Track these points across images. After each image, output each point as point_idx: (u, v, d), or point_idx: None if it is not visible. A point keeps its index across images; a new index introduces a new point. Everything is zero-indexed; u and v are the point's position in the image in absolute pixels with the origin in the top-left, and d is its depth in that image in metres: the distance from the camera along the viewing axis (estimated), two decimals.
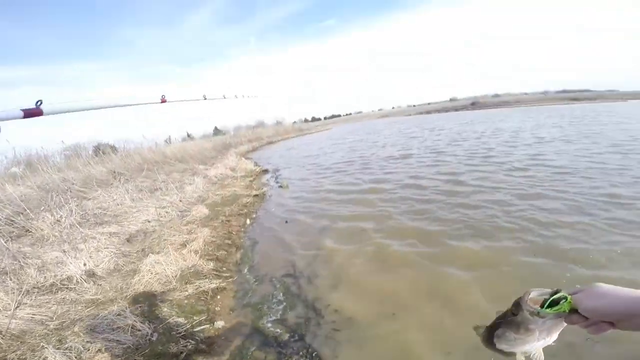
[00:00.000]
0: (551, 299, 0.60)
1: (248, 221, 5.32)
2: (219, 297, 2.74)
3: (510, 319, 0.65)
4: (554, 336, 0.64)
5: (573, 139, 8.70)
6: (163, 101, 0.97)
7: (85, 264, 2.95)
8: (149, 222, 4.51)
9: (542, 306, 0.61)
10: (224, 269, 3.30)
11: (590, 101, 40.11)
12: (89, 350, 1.86)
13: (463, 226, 3.68)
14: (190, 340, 2.05)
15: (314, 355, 2.05)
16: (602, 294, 0.56)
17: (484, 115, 25.77)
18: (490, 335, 0.72)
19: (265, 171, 10.66)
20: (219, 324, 2.34)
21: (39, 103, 0.59)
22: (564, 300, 0.59)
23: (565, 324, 0.61)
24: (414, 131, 17.44)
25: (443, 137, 12.73)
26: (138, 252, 3.44)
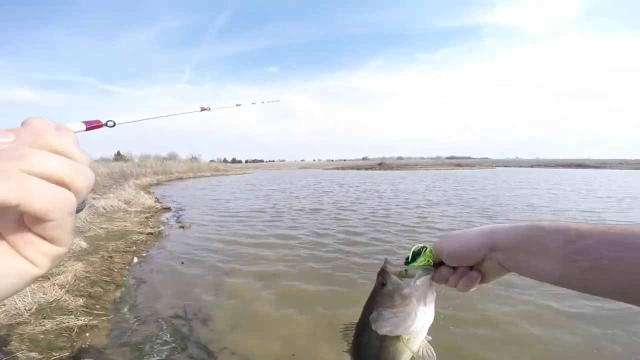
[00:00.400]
0: (412, 251, 0.57)
1: (135, 259, 4.77)
2: (87, 334, 2.33)
3: (381, 293, 0.59)
4: (432, 307, 0.58)
5: (453, 202, 10.57)
6: (203, 109, 1.05)
7: None
8: None
9: (406, 264, 0.57)
10: (97, 306, 2.84)
11: (470, 167, 48.89)
12: None
13: (351, 290, 3.66)
14: None
15: None
16: (458, 234, 0.55)
17: (388, 175, 29.05)
18: (363, 328, 0.62)
19: (167, 209, 9.80)
20: None
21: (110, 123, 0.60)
22: (424, 249, 0.57)
23: (435, 292, 0.58)
24: (328, 185, 18.43)
25: (351, 193, 13.89)
26: None
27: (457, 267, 0.55)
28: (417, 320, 0.56)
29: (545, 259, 0.44)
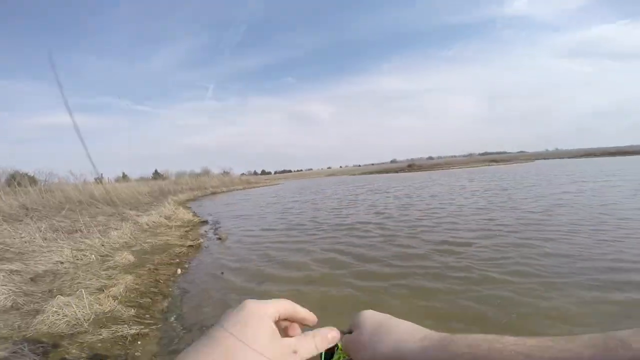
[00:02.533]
0: (324, 352, 0.49)
1: (179, 271, 5.01)
2: (139, 342, 2.48)
3: None
4: None
5: (505, 207, 8.05)
6: None
7: None
8: (61, 263, 3.98)
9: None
10: (147, 316, 3.02)
11: (506, 162, 43.88)
12: None
13: None
14: None
15: None
16: (389, 330, 0.42)
17: (417, 178, 25.76)
18: None
19: (204, 222, 10.22)
20: None
21: None
22: (337, 348, 0.51)
23: None
24: (357, 192, 16.86)
25: (379, 201, 12.13)
26: (44, 293, 2.99)
27: None
28: None
29: None
